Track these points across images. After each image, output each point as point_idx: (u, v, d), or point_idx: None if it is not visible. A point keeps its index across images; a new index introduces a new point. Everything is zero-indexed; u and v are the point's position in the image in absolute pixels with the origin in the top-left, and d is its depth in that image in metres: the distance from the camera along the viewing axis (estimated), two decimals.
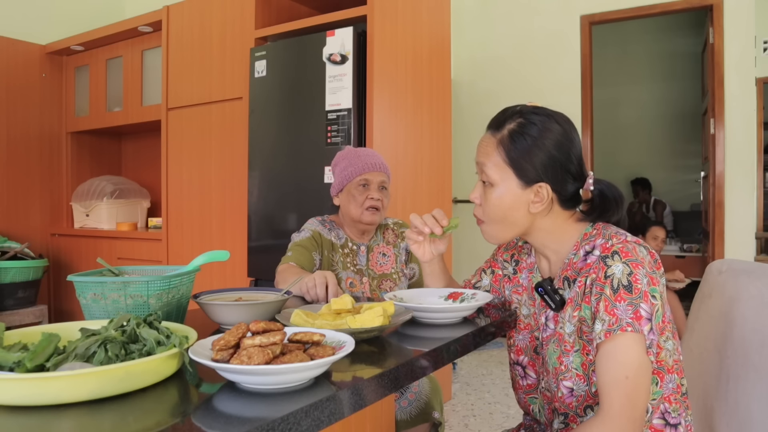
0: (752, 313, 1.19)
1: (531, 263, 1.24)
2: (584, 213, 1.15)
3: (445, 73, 3.18)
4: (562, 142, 1.09)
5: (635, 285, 0.99)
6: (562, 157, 1.09)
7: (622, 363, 0.98)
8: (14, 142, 3.92)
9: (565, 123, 1.12)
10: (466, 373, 3.71)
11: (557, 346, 1.11)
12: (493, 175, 1.11)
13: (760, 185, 4.27)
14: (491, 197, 1.12)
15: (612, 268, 1.01)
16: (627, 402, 0.97)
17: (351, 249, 1.89)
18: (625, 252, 1.02)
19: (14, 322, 3.45)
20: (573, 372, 1.08)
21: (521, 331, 1.25)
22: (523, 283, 1.26)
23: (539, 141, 1.08)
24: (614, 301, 1.00)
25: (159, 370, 0.80)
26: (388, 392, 0.90)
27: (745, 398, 1.17)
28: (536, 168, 1.08)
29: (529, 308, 1.23)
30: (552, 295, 1.12)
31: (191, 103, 3.35)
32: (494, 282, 1.35)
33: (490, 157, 1.12)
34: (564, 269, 1.13)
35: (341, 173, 1.88)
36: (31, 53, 4.01)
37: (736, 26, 3.83)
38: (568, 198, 1.13)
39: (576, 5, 4.25)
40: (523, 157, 1.09)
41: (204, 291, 1.31)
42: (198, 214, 3.34)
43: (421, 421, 1.72)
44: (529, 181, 1.09)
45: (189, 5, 3.35)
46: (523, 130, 1.09)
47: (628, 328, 0.98)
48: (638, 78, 7.15)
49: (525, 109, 1.12)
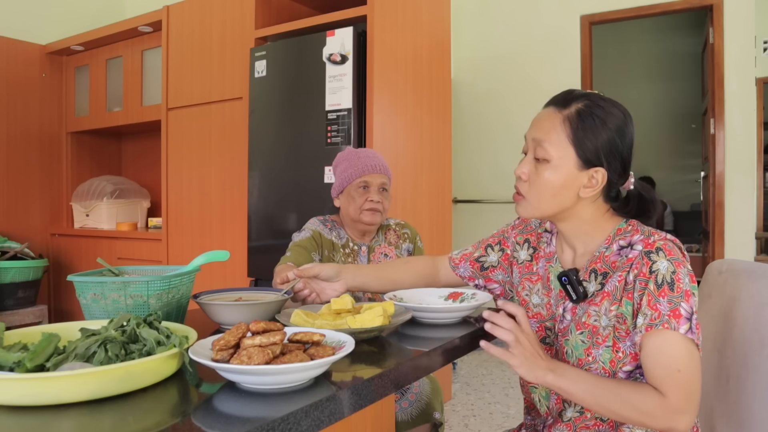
0: (752, 313, 1.19)
1: (550, 253, 1.23)
2: (620, 210, 1.14)
3: (445, 73, 3.18)
4: (623, 128, 1.09)
5: (677, 284, 1.00)
6: (621, 144, 1.09)
7: (673, 356, 0.98)
8: (14, 142, 3.92)
9: (626, 112, 1.12)
10: (466, 373, 3.71)
11: (588, 338, 1.10)
12: (552, 151, 1.08)
13: (760, 185, 4.27)
14: (544, 174, 1.09)
15: (657, 264, 1.02)
16: (682, 393, 0.97)
17: (352, 249, 1.89)
18: (668, 250, 1.03)
19: (14, 322, 3.45)
20: (599, 365, 1.08)
21: (529, 320, 1.24)
22: (539, 272, 1.24)
23: (605, 124, 1.08)
24: (657, 296, 1.00)
25: (159, 370, 0.80)
26: (388, 392, 0.90)
27: (745, 398, 1.17)
28: (597, 150, 1.07)
29: (542, 297, 1.21)
30: (576, 286, 1.11)
31: (191, 103, 3.35)
32: (503, 260, 1.32)
33: (551, 132, 1.09)
34: (592, 261, 1.12)
35: (341, 175, 1.87)
36: (31, 53, 4.01)
37: (736, 26, 3.83)
38: (613, 190, 1.12)
39: (576, 5, 4.25)
40: (587, 137, 1.07)
41: (204, 291, 1.31)
42: (198, 214, 3.34)
43: (422, 422, 1.71)
44: (588, 163, 1.08)
45: (189, 5, 3.35)
46: (592, 110, 1.08)
47: (665, 325, 0.99)
48: (638, 78, 7.15)
49: (591, 93, 1.12)
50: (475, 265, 1.36)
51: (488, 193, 4.60)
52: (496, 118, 4.58)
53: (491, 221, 4.61)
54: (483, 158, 4.64)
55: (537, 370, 1.05)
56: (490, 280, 1.34)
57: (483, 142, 4.64)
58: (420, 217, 2.92)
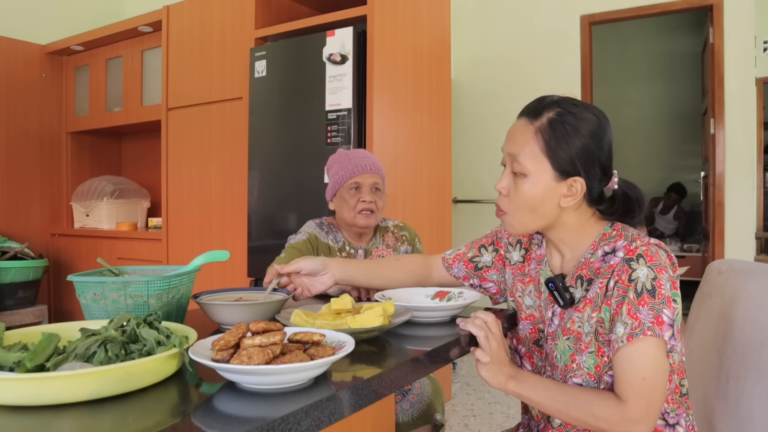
0: (752, 313, 1.19)
1: (540, 255, 1.22)
2: (605, 212, 1.13)
3: (445, 73, 3.18)
4: (598, 133, 1.08)
5: (659, 290, 0.99)
6: (596, 148, 1.07)
7: (640, 366, 0.98)
8: (14, 142, 3.92)
9: (601, 115, 1.11)
10: (466, 373, 3.71)
11: (573, 344, 1.10)
12: (528, 165, 1.07)
13: (760, 185, 4.27)
14: (522, 188, 1.09)
15: (637, 272, 1.01)
16: (643, 401, 0.98)
17: (348, 253, 1.87)
18: (650, 256, 1.01)
19: (14, 322, 3.45)
20: (585, 371, 1.08)
21: (522, 321, 1.24)
22: (531, 274, 1.24)
23: (578, 131, 1.06)
24: (637, 305, 0.99)
25: (159, 370, 0.80)
26: (388, 392, 0.90)
27: (745, 398, 1.17)
28: (573, 159, 1.06)
29: (534, 300, 1.22)
30: (562, 292, 1.11)
31: (191, 103, 3.35)
32: (497, 260, 1.32)
33: (525, 146, 1.08)
34: (579, 267, 1.12)
35: (333, 177, 1.85)
36: (31, 53, 4.01)
37: (736, 26, 3.83)
38: (595, 195, 1.11)
39: (576, 5, 4.25)
40: (561, 147, 1.06)
41: (204, 291, 1.31)
42: (198, 214, 3.34)
43: (423, 423, 1.71)
44: (564, 174, 1.07)
45: (189, 5, 3.35)
46: (563, 119, 1.07)
47: (649, 333, 0.98)
48: (638, 78, 7.14)
49: (562, 99, 1.10)
50: (469, 265, 1.35)
51: (488, 193, 4.60)
52: (496, 118, 4.58)
53: (491, 221, 4.59)
54: (483, 158, 4.64)
55: (500, 376, 1.08)
56: (485, 279, 1.34)
57: (483, 142, 4.64)
58: (420, 217, 2.92)
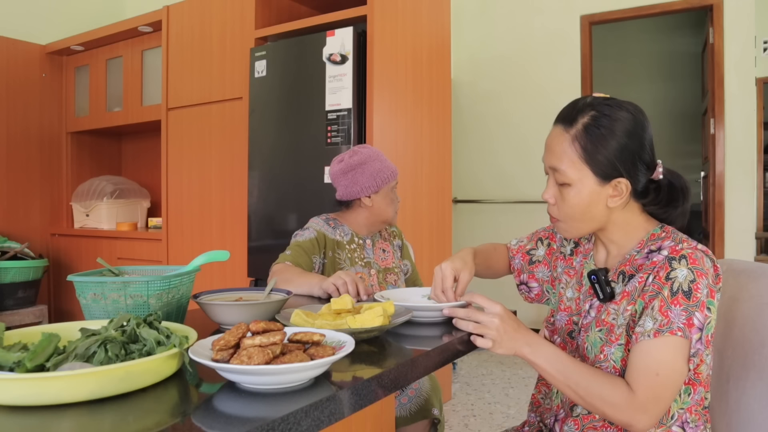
0: (752, 313, 1.19)
1: (588, 249, 1.24)
2: (651, 204, 1.13)
3: (445, 73, 3.18)
4: (635, 130, 1.08)
5: (695, 293, 0.99)
6: (635, 146, 1.07)
7: (656, 360, 0.98)
8: (14, 142, 3.92)
9: (637, 111, 1.11)
10: (466, 373, 3.70)
11: (605, 335, 1.10)
12: (570, 174, 1.08)
13: (760, 185, 4.27)
14: (568, 197, 1.10)
15: (676, 271, 1.01)
16: (651, 395, 0.98)
17: (358, 243, 1.90)
18: (693, 259, 1.02)
19: (14, 322, 3.45)
20: (611, 363, 1.08)
21: (560, 312, 1.25)
22: (576, 266, 1.25)
23: (613, 132, 1.06)
24: (670, 303, 0.99)
25: (159, 370, 0.80)
26: (388, 392, 0.90)
27: (745, 398, 1.17)
28: (612, 162, 1.06)
29: (574, 292, 1.22)
30: (603, 286, 1.11)
31: (191, 103, 3.35)
32: (548, 255, 1.33)
33: (563, 156, 1.09)
34: (623, 263, 1.13)
35: (377, 175, 1.85)
36: (31, 53, 4.01)
37: (736, 26, 3.83)
38: (641, 188, 1.11)
39: (576, 5, 4.25)
40: (599, 151, 1.06)
41: (204, 291, 1.31)
42: (198, 214, 3.34)
43: (421, 418, 1.73)
44: (607, 177, 1.07)
45: (189, 5, 3.35)
46: (597, 122, 1.07)
47: (678, 332, 0.98)
48: (638, 78, 7.14)
49: (596, 100, 1.11)
50: (525, 258, 1.36)
51: (488, 193, 4.60)
52: (496, 118, 4.58)
53: (491, 221, 4.61)
54: (483, 158, 4.64)
55: (514, 342, 1.08)
56: (533, 276, 1.34)
57: (483, 142, 4.64)
58: (420, 217, 2.92)
